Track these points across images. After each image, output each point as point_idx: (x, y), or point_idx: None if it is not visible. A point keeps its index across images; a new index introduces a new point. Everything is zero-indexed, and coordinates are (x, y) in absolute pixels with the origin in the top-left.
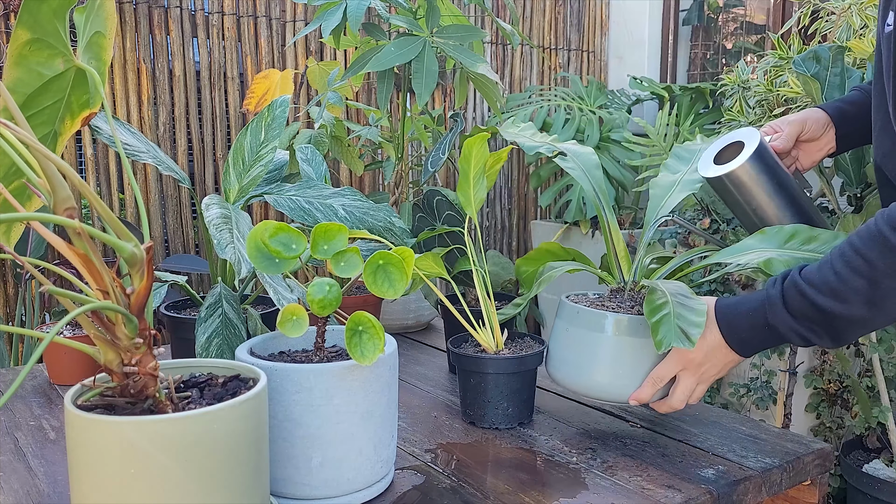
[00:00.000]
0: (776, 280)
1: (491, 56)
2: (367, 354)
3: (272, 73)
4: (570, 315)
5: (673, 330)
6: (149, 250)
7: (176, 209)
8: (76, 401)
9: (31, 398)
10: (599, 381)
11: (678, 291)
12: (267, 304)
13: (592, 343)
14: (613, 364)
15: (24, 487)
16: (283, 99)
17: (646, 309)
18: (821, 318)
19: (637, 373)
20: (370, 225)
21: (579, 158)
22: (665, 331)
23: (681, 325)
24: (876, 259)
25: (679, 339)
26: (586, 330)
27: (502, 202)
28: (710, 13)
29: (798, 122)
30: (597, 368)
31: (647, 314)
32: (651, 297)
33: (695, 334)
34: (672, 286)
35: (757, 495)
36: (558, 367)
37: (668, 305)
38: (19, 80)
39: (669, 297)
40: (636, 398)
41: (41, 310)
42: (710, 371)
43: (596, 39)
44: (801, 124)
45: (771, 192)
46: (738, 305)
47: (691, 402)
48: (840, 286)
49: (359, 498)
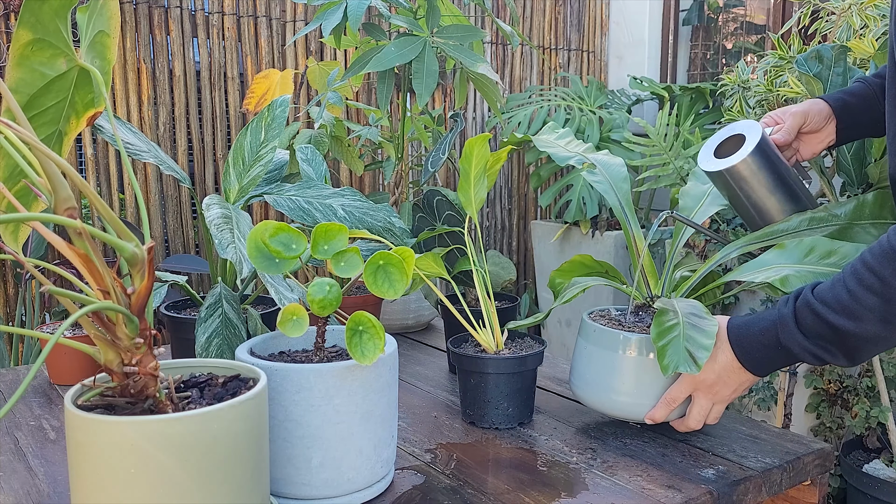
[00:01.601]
0: (788, 299)
1: (491, 56)
2: (368, 354)
3: (272, 73)
4: (588, 333)
5: (681, 353)
6: (150, 250)
7: (176, 209)
8: (76, 401)
9: (31, 398)
10: (617, 399)
11: (691, 311)
12: (267, 304)
13: (609, 362)
14: (630, 383)
15: (24, 487)
16: (283, 99)
17: (653, 332)
18: (834, 336)
19: (653, 392)
20: (370, 225)
21: (608, 170)
22: (672, 354)
23: (689, 347)
24: (889, 277)
25: (686, 363)
26: (603, 349)
27: (502, 202)
28: (711, 13)
29: (800, 113)
30: (614, 387)
31: (654, 338)
32: (660, 319)
33: (701, 358)
34: (686, 305)
35: (757, 495)
36: (579, 385)
37: (677, 327)
38: (22, 81)
39: (681, 318)
40: (651, 418)
41: (41, 310)
42: (723, 391)
43: (596, 39)
44: (803, 116)
45: (771, 186)
46: (751, 325)
47: (709, 422)
48: (853, 304)
49: (359, 498)
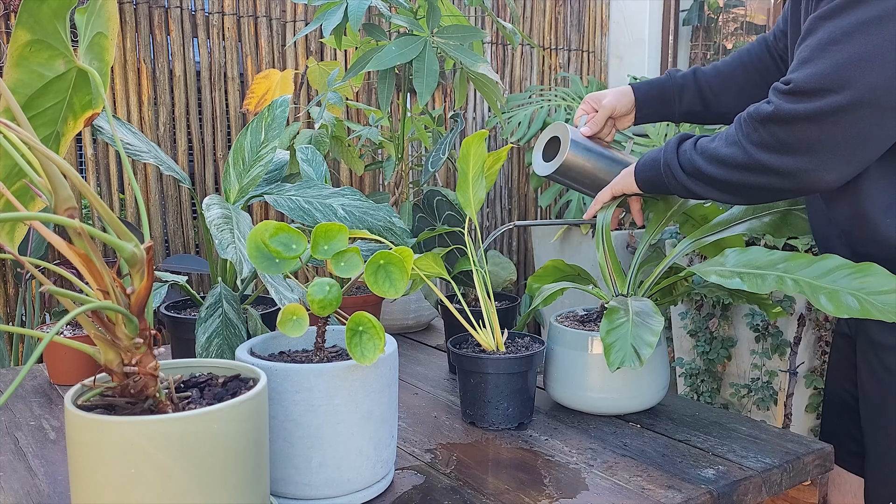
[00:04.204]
0: None
1: (491, 56)
2: (368, 355)
3: (272, 73)
4: (556, 335)
5: (627, 349)
6: (149, 250)
7: (176, 209)
8: (76, 401)
9: (31, 398)
10: (588, 396)
11: (642, 310)
12: (267, 304)
13: (578, 361)
14: (598, 380)
15: (24, 487)
16: (283, 99)
17: (602, 330)
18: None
19: (622, 387)
20: (370, 225)
21: None
22: (618, 350)
23: (635, 344)
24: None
25: (631, 358)
26: (571, 349)
27: (502, 202)
28: (711, 13)
29: (609, 107)
30: (584, 385)
31: (603, 335)
32: (611, 318)
33: (645, 353)
34: (639, 304)
35: (757, 495)
36: (553, 386)
37: (626, 325)
38: (20, 82)
39: (631, 316)
40: None
41: (41, 310)
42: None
43: (596, 39)
44: (612, 108)
45: (596, 167)
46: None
47: None
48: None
49: (359, 498)
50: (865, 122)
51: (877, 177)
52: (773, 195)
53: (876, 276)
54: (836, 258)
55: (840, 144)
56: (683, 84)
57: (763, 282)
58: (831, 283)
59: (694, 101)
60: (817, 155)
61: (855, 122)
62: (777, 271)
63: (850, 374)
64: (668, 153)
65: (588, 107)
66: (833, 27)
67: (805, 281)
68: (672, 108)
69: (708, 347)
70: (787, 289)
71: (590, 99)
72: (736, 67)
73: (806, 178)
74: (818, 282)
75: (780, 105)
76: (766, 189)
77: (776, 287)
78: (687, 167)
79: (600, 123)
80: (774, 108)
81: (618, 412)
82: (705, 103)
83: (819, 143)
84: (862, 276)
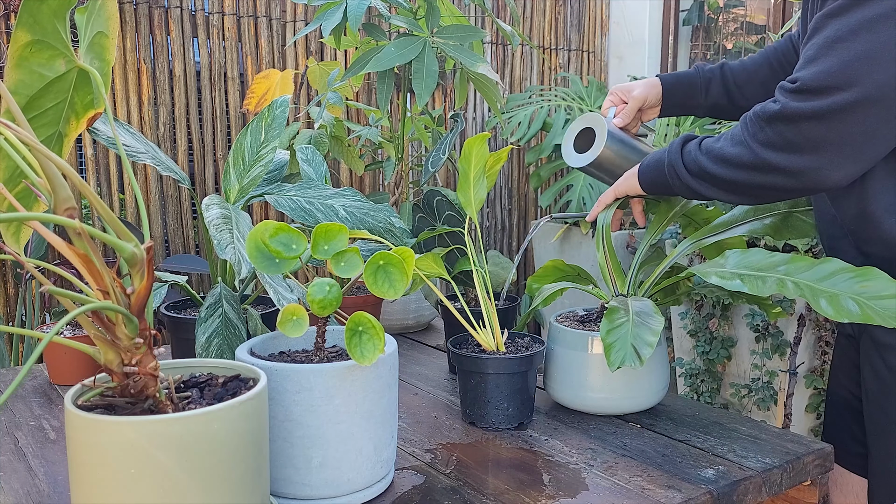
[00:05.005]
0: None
1: (491, 56)
2: (367, 355)
3: (272, 74)
4: (556, 336)
5: (627, 349)
6: (149, 250)
7: (176, 209)
8: (76, 401)
9: (31, 398)
10: (589, 396)
11: (642, 310)
12: (267, 304)
13: (578, 361)
14: (598, 380)
15: (24, 487)
16: (283, 99)
17: (602, 330)
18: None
19: (622, 386)
20: (370, 225)
21: None
22: (618, 350)
23: (635, 344)
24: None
25: (631, 358)
26: (571, 349)
27: (502, 202)
28: (711, 13)
29: (640, 98)
30: (585, 385)
31: (603, 335)
32: (611, 317)
33: (645, 353)
34: (639, 304)
35: (757, 495)
36: (553, 387)
37: (626, 325)
38: (21, 82)
39: (631, 316)
40: None
41: (41, 310)
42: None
43: (596, 39)
44: (643, 100)
45: (629, 159)
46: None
47: None
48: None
49: (359, 498)
50: (872, 120)
51: (882, 176)
52: (780, 195)
53: (877, 281)
54: (838, 261)
55: (847, 142)
56: (711, 78)
57: (764, 284)
58: (832, 286)
59: (720, 94)
60: (824, 153)
61: (862, 120)
62: (778, 273)
63: (853, 375)
64: (671, 154)
65: (616, 98)
66: (839, 25)
67: (806, 284)
68: (698, 101)
69: (708, 347)
70: (787, 292)
71: (618, 90)
72: (762, 64)
73: (813, 176)
74: (819, 285)
75: (787, 103)
76: (773, 188)
77: (777, 290)
78: (692, 167)
79: (631, 115)
80: (781, 107)
81: (618, 412)
82: (730, 97)
83: (826, 142)
84: (863, 280)
